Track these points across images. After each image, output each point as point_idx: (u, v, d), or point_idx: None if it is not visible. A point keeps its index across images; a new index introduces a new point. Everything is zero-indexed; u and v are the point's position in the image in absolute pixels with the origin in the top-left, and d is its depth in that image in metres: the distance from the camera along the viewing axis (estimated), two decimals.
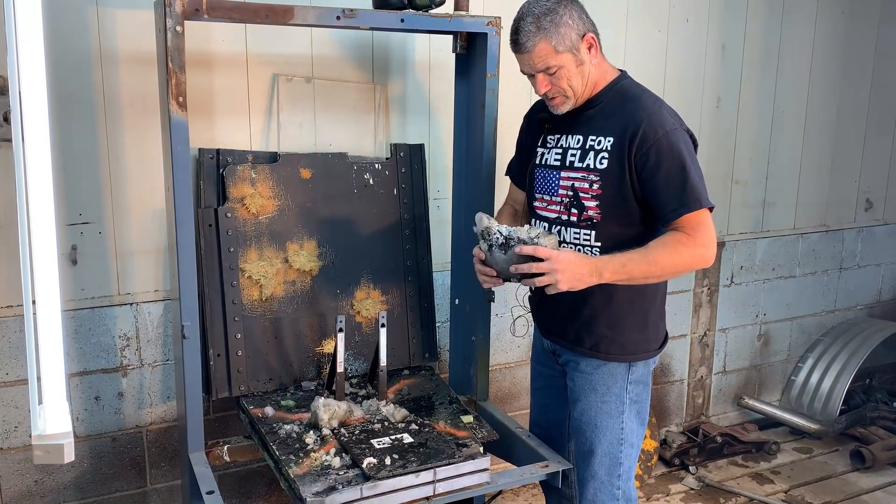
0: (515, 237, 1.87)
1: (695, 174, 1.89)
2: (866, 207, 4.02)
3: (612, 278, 1.87)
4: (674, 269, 1.93)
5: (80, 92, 2.23)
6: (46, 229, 0.96)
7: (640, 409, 2.13)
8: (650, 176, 1.89)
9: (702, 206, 1.88)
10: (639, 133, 1.89)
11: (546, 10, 1.89)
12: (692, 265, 1.95)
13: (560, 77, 1.93)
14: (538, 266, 1.82)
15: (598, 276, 1.86)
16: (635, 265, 1.87)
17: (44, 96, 0.96)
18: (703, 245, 1.89)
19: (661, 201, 1.89)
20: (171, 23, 1.88)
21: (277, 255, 2.40)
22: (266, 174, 2.38)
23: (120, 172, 2.32)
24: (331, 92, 2.57)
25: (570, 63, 1.92)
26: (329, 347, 2.46)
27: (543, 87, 1.96)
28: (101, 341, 2.39)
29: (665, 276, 1.97)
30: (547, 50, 1.90)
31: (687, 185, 1.87)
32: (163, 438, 2.52)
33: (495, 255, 1.90)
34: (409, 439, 2.06)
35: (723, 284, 3.63)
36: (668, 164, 1.88)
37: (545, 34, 1.89)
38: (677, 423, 3.68)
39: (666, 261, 1.88)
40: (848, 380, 3.71)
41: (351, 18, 2.08)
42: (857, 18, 3.70)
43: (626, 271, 1.87)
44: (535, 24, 1.89)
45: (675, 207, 1.88)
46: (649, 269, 1.88)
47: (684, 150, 1.90)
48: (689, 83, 3.30)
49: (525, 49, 1.92)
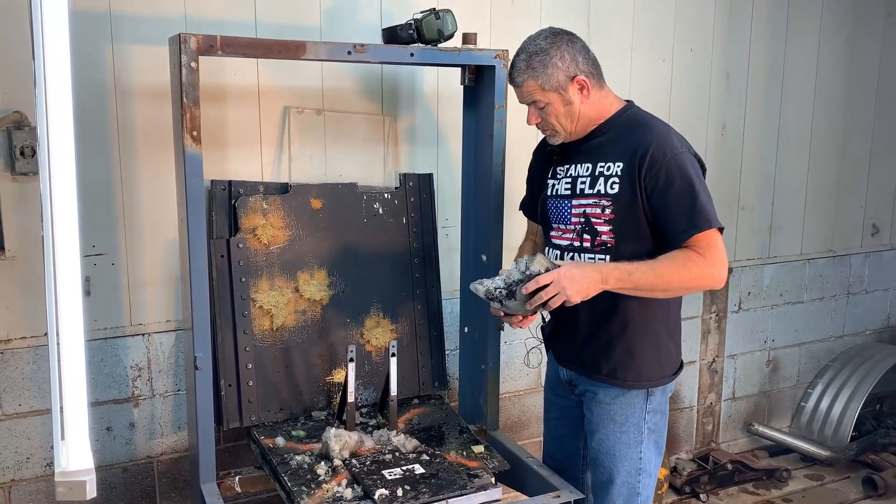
0: (513, 280, 1.90)
1: (704, 195, 1.92)
2: (873, 233, 4.03)
3: (616, 285, 1.89)
4: (680, 285, 1.93)
5: (95, 125, 2.26)
6: (71, 266, 0.98)
7: (658, 439, 2.13)
8: (660, 197, 1.92)
9: (711, 227, 1.90)
10: (648, 156, 1.92)
11: (538, 50, 1.98)
12: (700, 284, 1.95)
13: (548, 113, 2.02)
14: (547, 292, 1.84)
15: (604, 282, 1.88)
16: (642, 275, 1.88)
17: (71, 133, 0.99)
18: (714, 265, 1.90)
19: (671, 222, 1.92)
20: (185, 59, 1.92)
21: (288, 284, 2.42)
22: (277, 205, 2.41)
23: (133, 204, 2.35)
24: (341, 123, 2.60)
25: (556, 101, 1.99)
26: (339, 377, 2.46)
27: (533, 118, 2.06)
28: (113, 371, 2.40)
29: (671, 290, 1.96)
30: (533, 87, 1.99)
31: (696, 205, 1.89)
32: (174, 469, 2.52)
33: (509, 305, 1.93)
34: (421, 470, 2.06)
35: (731, 310, 3.63)
36: (677, 185, 1.90)
37: (532, 73, 1.97)
38: (687, 451, 3.66)
39: (673, 275, 1.89)
40: (858, 405, 3.69)
41: (362, 53, 2.11)
42: (860, 45, 3.74)
43: (631, 280, 1.88)
44: (527, 61, 1.99)
45: (684, 228, 1.90)
46: (655, 281, 1.89)
47: (692, 172, 1.93)
48: (693, 111, 3.33)
49: (516, 83, 2.03)
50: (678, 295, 2.06)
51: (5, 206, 2.20)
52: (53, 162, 0.97)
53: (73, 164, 0.97)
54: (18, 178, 2.19)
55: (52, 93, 0.97)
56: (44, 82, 0.95)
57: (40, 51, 0.95)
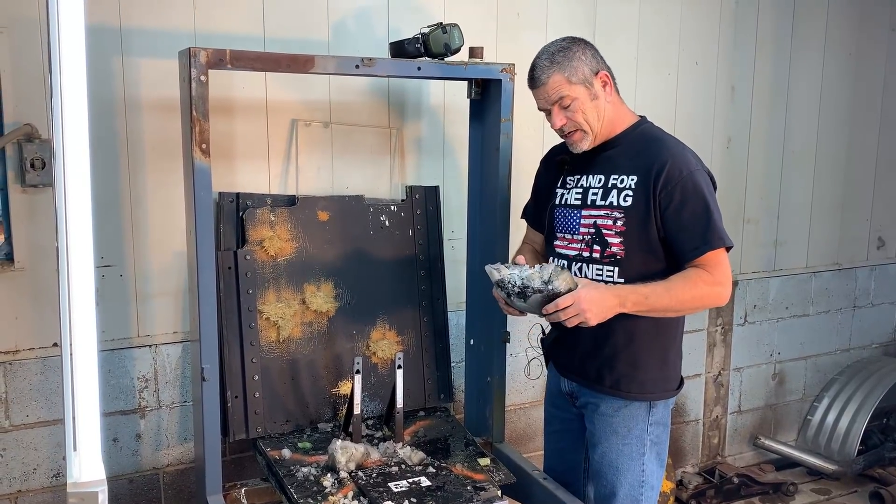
0: (531, 286, 1.88)
1: (716, 214, 1.94)
2: (878, 246, 4.02)
3: (633, 309, 1.92)
4: (692, 304, 1.97)
5: (104, 137, 2.28)
6: (85, 278, 0.98)
7: (660, 451, 2.13)
8: (674, 214, 1.93)
9: (723, 245, 1.93)
10: (664, 172, 1.94)
11: (560, 48, 2.01)
12: (709, 302, 2.01)
13: (575, 110, 1.99)
14: (566, 313, 1.86)
15: (622, 305, 1.90)
16: (657, 298, 1.91)
17: (86, 146, 1.00)
18: (721, 283, 1.94)
19: (684, 239, 1.93)
20: (195, 72, 1.94)
21: (295, 296, 2.42)
22: (285, 217, 2.42)
23: (141, 216, 2.37)
24: (348, 136, 2.62)
25: (583, 95, 1.99)
26: (345, 388, 2.47)
27: (559, 120, 2.01)
28: (119, 383, 2.41)
29: (683, 310, 2.01)
30: (560, 81, 1.98)
31: (710, 224, 1.92)
32: (180, 480, 2.52)
33: (515, 302, 1.92)
34: (427, 482, 2.06)
35: (736, 323, 3.63)
36: (692, 203, 1.92)
37: (558, 67, 1.98)
38: (693, 464, 3.65)
39: (686, 295, 1.92)
40: (865, 419, 3.68)
41: (370, 67, 2.13)
42: (865, 59, 3.75)
43: (648, 303, 1.91)
44: (549, 59, 1.99)
45: (697, 245, 1.92)
46: (670, 303, 1.93)
47: (706, 191, 1.95)
48: (699, 124, 3.34)
49: (540, 82, 2.00)
50: (688, 314, 2.08)
51: (15, 217, 2.21)
52: (68, 174, 0.98)
53: (87, 177, 0.98)
54: (28, 189, 2.20)
55: (67, 106, 0.98)
56: (60, 95, 0.97)
57: (57, 64, 0.97)
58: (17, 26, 2.14)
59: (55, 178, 0.99)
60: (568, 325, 1.87)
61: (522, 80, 2.19)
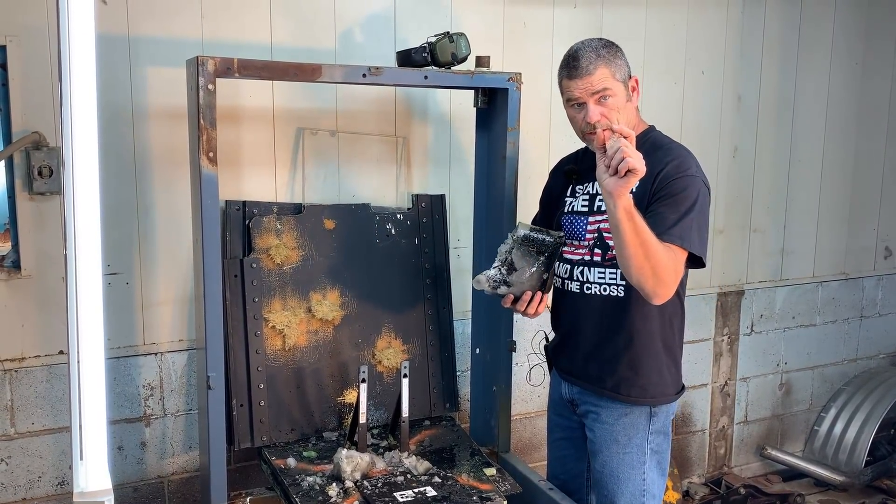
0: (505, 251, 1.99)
1: (695, 217, 1.89)
2: (885, 255, 4.00)
3: (623, 212, 1.74)
4: (646, 258, 1.79)
5: (112, 145, 2.29)
6: (93, 286, 0.98)
7: (661, 460, 2.12)
8: (657, 200, 1.93)
9: (682, 244, 1.86)
10: (664, 170, 1.95)
11: (604, 44, 2.00)
12: (657, 272, 1.82)
13: (612, 107, 1.96)
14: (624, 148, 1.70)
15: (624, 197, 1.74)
16: (640, 220, 1.78)
17: (95, 154, 1.00)
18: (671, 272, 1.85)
19: (652, 222, 1.84)
20: (203, 81, 1.94)
21: (301, 304, 2.42)
22: (291, 225, 2.42)
23: (148, 224, 2.37)
24: (354, 144, 2.62)
25: (622, 94, 1.99)
26: (350, 397, 2.46)
27: (595, 115, 1.95)
28: (125, 391, 2.41)
29: (639, 257, 1.80)
30: (606, 74, 1.96)
31: (682, 220, 1.87)
32: (184, 489, 2.52)
33: (514, 281, 1.98)
34: (433, 492, 2.05)
35: (743, 333, 3.61)
36: (678, 198, 1.91)
37: (605, 61, 1.96)
38: (699, 475, 3.63)
39: (651, 242, 1.79)
40: (873, 430, 3.65)
41: (377, 76, 2.13)
42: (872, 69, 3.74)
43: (633, 221, 1.76)
44: (595, 52, 1.97)
45: (659, 231, 1.83)
46: (638, 233, 1.77)
47: (697, 194, 1.93)
48: (705, 133, 3.34)
49: (586, 72, 1.95)
50: (635, 267, 1.83)
51: (22, 225, 2.22)
52: (77, 182, 0.98)
53: (96, 185, 0.99)
54: (36, 197, 2.21)
55: (77, 114, 0.99)
56: (70, 104, 0.97)
57: (67, 73, 0.97)
58: (26, 35, 2.16)
59: (64, 186, 0.99)
60: (620, 166, 1.70)
61: (529, 88, 2.20)
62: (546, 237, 1.97)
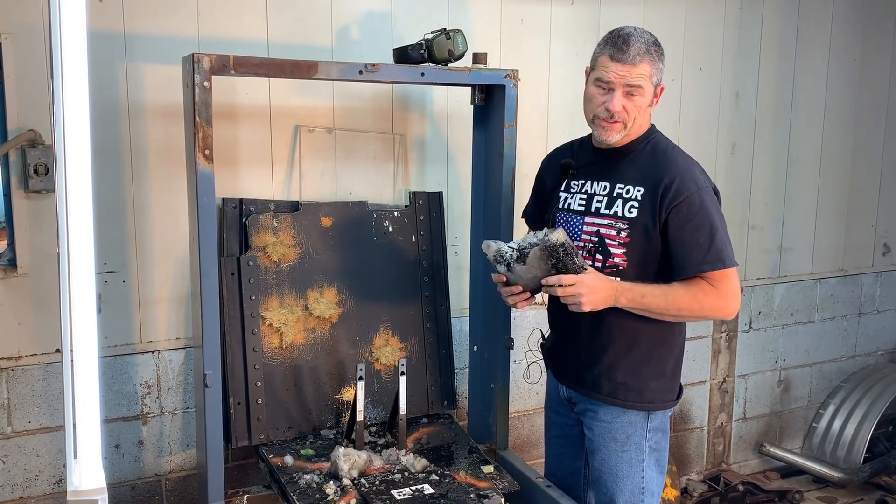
0: (527, 244, 1.91)
1: (722, 234, 1.93)
2: (884, 252, 4.00)
3: (627, 305, 1.92)
4: (690, 314, 1.97)
5: (107, 143, 2.28)
6: (86, 283, 0.98)
7: (660, 457, 2.12)
8: (678, 229, 1.92)
9: (725, 266, 1.91)
10: (672, 187, 1.93)
11: (655, 42, 1.97)
12: (710, 314, 2.02)
13: (635, 104, 1.95)
14: (564, 290, 1.87)
15: (616, 301, 1.91)
16: (654, 300, 1.91)
17: (87, 151, 1.00)
18: (725, 297, 1.93)
19: (684, 254, 1.92)
20: (199, 78, 1.94)
21: (298, 302, 2.42)
22: (288, 223, 2.42)
23: (144, 222, 2.36)
24: (351, 142, 2.62)
25: (648, 97, 1.97)
26: (348, 395, 2.46)
27: (618, 105, 1.93)
28: (122, 389, 2.40)
29: (681, 318, 2.00)
30: (648, 71, 1.94)
31: (714, 243, 1.91)
32: (182, 487, 2.51)
33: (516, 270, 1.93)
34: (430, 490, 2.05)
35: (741, 330, 3.61)
36: (697, 220, 1.92)
37: (651, 58, 1.94)
38: (698, 472, 3.63)
39: (684, 304, 1.92)
40: (871, 427, 3.65)
41: (373, 73, 2.13)
42: (869, 65, 3.74)
43: (643, 303, 1.92)
44: (646, 47, 1.93)
45: (698, 263, 1.91)
46: (666, 308, 1.93)
47: (713, 209, 1.94)
48: (703, 130, 3.33)
49: (633, 60, 1.91)
50: (687, 321, 2.07)
51: (18, 223, 2.21)
52: (70, 179, 0.98)
53: (89, 182, 0.98)
54: (32, 195, 2.20)
55: (69, 111, 0.98)
56: (62, 101, 0.96)
57: (59, 70, 0.96)
58: (22, 32, 2.15)
59: (57, 183, 0.99)
60: (562, 300, 1.90)
61: (526, 85, 2.19)
62: (572, 261, 1.88)
